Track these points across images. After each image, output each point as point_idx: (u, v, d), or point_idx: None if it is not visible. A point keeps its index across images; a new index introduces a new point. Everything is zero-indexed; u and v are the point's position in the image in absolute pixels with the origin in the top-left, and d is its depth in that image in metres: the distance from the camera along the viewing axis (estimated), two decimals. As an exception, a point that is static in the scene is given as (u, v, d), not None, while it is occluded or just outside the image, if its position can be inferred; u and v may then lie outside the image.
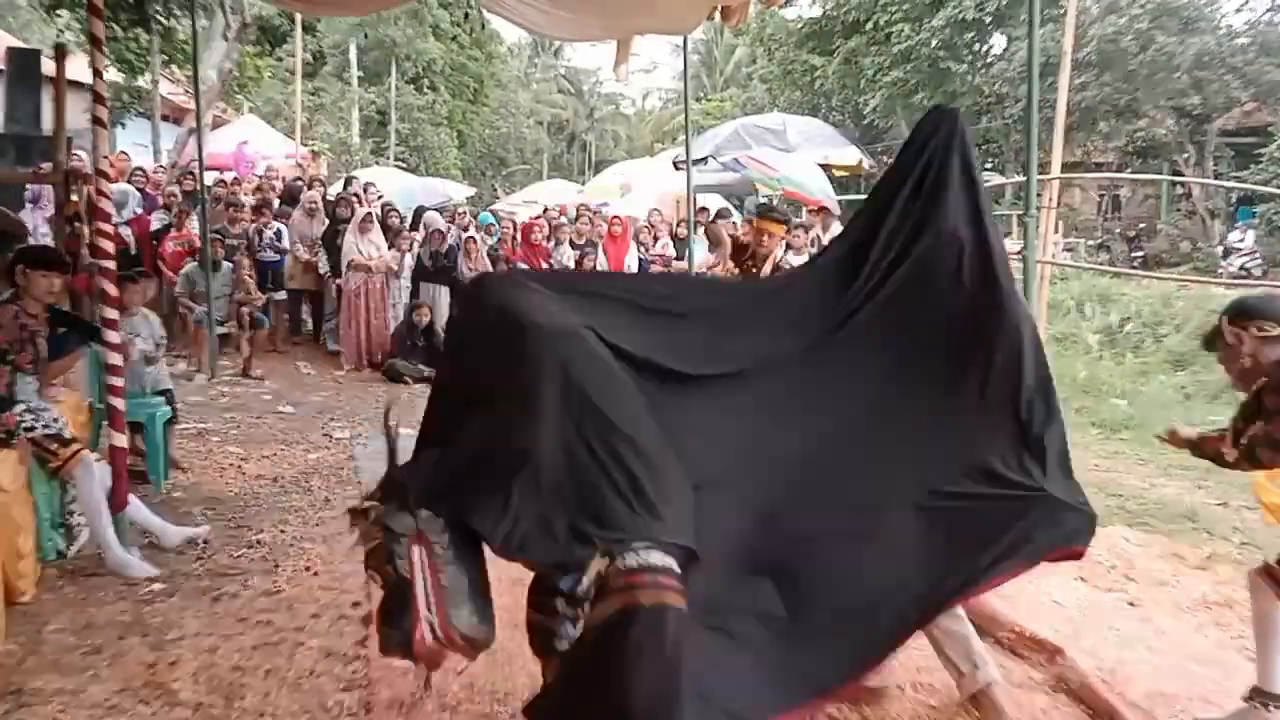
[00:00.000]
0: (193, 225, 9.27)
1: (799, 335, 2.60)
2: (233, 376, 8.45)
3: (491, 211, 14.97)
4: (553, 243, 10.25)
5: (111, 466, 4.03)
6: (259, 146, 15.91)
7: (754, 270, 5.88)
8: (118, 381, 4.12)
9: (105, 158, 4.34)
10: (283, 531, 4.53)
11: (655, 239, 10.87)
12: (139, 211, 9.70)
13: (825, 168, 12.43)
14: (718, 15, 6.79)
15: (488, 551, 2.16)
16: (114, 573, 3.84)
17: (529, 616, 2.16)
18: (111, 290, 4.11)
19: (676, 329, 2.54)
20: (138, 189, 10.26)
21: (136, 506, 4.16)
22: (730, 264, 8.07)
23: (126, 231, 8.99)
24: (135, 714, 2.80)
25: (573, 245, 10.26)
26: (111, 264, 4.12)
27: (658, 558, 2.00)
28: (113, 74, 13.53)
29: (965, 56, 23.90)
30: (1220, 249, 16.59)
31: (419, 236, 9.89)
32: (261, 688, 2.96)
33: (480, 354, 2.33)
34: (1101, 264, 16.21)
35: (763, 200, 11.64)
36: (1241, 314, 2.74)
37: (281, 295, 9.77)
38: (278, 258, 9.64)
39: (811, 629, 2.16)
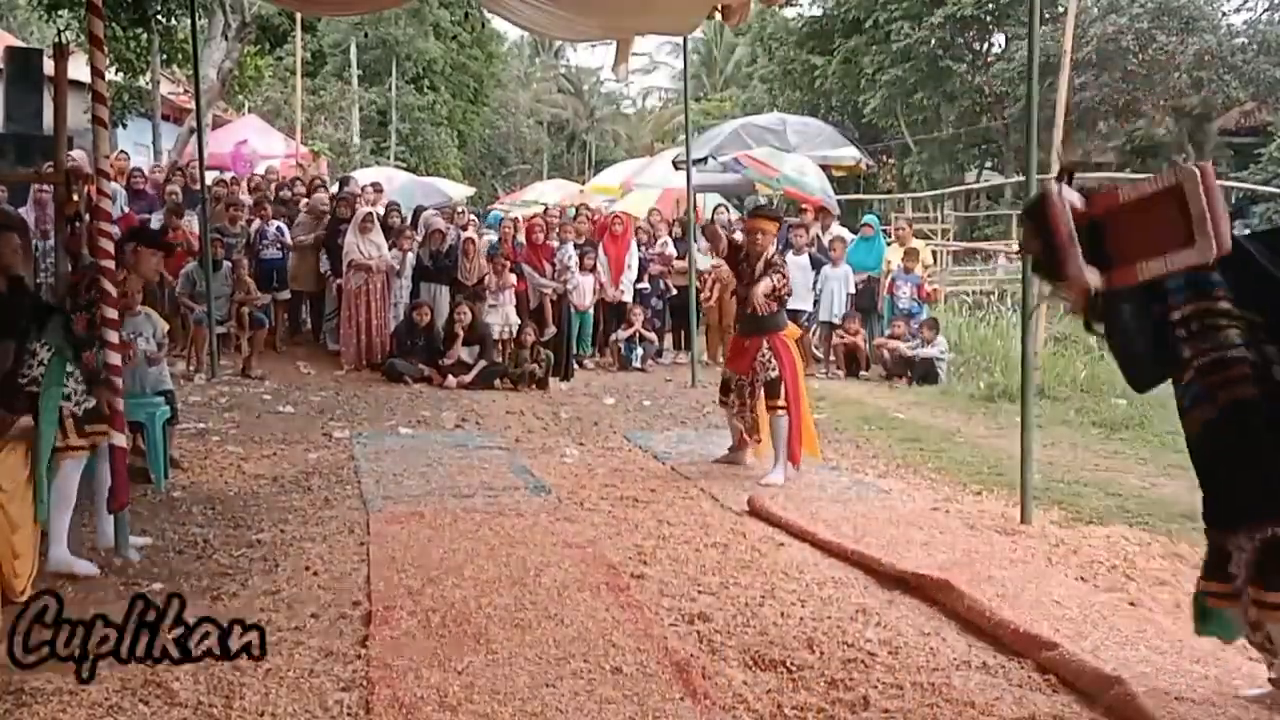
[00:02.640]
0: (192, 225, 9.27)
1: None
2: (232, 376, 8.45)
3: (492, 210, 14.97)
4: (556, 241, 10.26)
5: (111, 466, 4.03)
6: (258, 146, 15.89)
7: (749, 269, 5.87)
8: (117, 381, 4.12)
9: (105, 157, 4.34)
10: (282, 531, 4.53)
11: (655, 239, 10.88)
12: (125, 210, 9.67)
13: (825, 168, 12.41)
14: (718, 15, 6.80)
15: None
16: (54, 571, 3.80)
17: None
18: (112, 290, 4.10)
19: None
20: (135, 189, 10.24)
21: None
22: (724, 264, 8.08)
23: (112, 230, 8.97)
24: (135, 714, 2.79)
25: (575, 246, 10.27)
26: (111, 264, 4.11)
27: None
28: (112, 74, 13.53)
29: (965, 55, 23.92)
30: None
31: (419, 236, 9.89)
32: (261, 688, 2.95)
33: None
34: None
35: (762, 200, 11.64)
36: None
37: (286, 294, 9.77)
38: (280, 254, 9.63)
39: None
